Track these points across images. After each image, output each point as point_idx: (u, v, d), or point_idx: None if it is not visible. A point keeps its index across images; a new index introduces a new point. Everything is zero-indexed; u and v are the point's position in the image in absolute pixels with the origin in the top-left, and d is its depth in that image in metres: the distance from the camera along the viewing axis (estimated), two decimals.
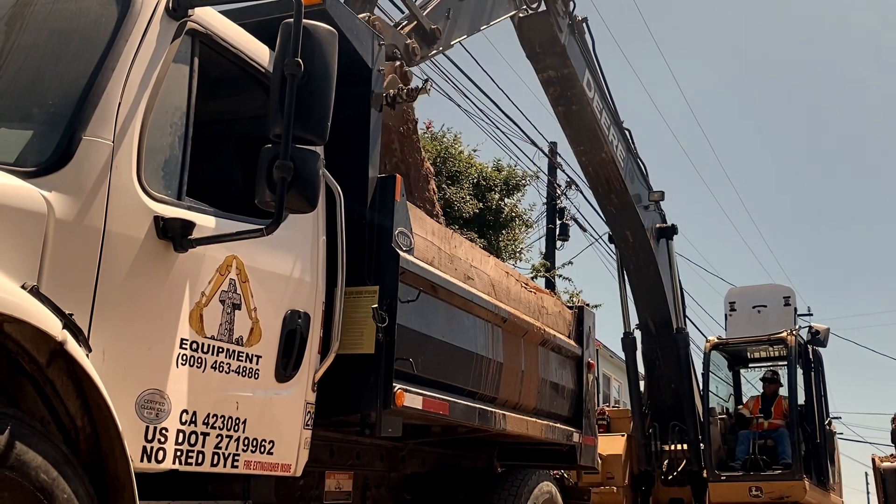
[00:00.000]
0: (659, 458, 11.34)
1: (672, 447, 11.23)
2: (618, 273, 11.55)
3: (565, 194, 16.02)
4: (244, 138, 4.23)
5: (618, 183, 9.78)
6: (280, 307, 3.88)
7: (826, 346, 11.70)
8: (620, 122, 9.84)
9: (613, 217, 10.36)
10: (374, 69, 4.71)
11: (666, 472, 11.37)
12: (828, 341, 11.61)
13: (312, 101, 3.38)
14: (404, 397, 4.44)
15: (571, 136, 9.44)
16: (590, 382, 7.19)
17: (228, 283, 3.58)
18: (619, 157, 9.65)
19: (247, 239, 3.45)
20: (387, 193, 4.60)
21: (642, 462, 11.39)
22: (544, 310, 6.49)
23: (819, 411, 11.49)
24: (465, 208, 10.31)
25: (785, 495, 10.73)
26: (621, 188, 9.83)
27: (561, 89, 8.68)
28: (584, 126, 9.08)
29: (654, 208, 10.96)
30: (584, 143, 9.35)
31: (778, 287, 12.70)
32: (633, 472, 11.48)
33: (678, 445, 11.17)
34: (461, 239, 5.41)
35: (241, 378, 3.62)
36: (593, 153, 9.40)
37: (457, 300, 5.12)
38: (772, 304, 11.94)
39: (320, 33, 3.47)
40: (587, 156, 9.53)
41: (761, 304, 12.16)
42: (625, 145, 9.92)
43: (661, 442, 11.31)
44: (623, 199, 9.98)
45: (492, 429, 5.55)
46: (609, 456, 11.30)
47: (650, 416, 11.49)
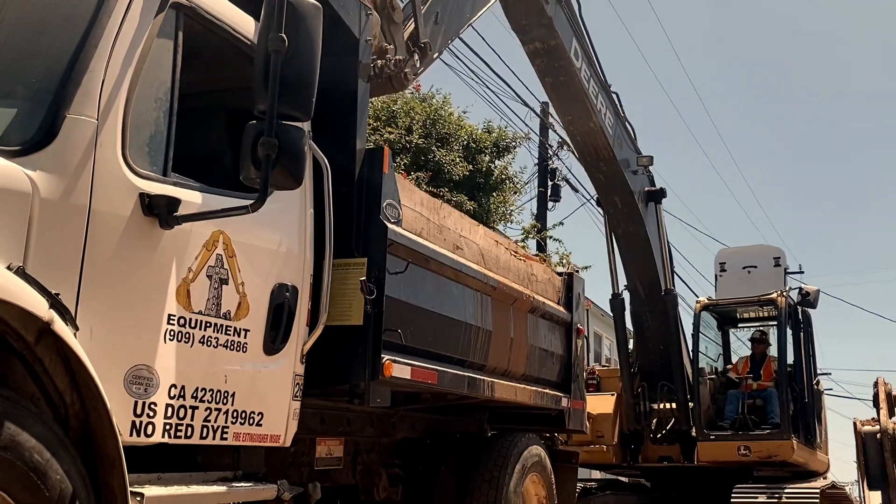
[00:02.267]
0: (648, 417, 11.47)
1: (661, 406, 11.35)
2: (606, 237, 11.58)
3: (557, 155, 16.01)
4: (232, 111, 4.23)
5: (606, 151, 9.75)
6: (268, 281, 3.90)
7: (816, 308, 11.77)
8: (608, 87, 9.77)
9: (602, 184, 10.35)
10: (361, 39, 4.69)
11: (655, 430, 11.50)
12: (818, 302, 11.67)
13: (297, 78, 3.37)
14: (392, 368, 4.48)
15: (559, 107, 9.39)
16: (579, 348, 7.26)
17: (215, 258, 3.60)
18: (608, 125, 9.60)
19: (232, 216, 3.46)
20: (375, 165, 4.61)
21: (631, 421, 11.51)
22: (534, 277, 6.53)
23: (808, 371, 11.61)
24: (455, 171, 10.28)
25: (773, 454, 10.84)
26: (609, 156, 9.81)
27: (548, 60, 8.59)
28: (571, 96, 9.02)
29: (643, 172, 10.95)
30: (571, 113, 9.30)
31: (768, 248, 12.73)
32: (622, 430, 11.61)
33: (667, 405, 11.30)
34: (450, 209, 5.42)
35: (229, 352, 3.65)
36: (581, 123, 9.36)
37: (446, 270, 5.15)
38: (762, 264, 11.97)
39: (305, 7, 3.44)
40: (575, 125, 9.50)
41: (751, 264, 12.18)
42: (613, 111, 9.87)
43: (650, 401, 11.43)
44: (611, 167, 9.96)
45: (480, 396, 5.62)
46: (599, 415, 11.44)
47: (639, 375, 11.60)
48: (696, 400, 11.12)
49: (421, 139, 8.54)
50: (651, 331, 11.41)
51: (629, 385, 11.48)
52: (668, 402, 11.29)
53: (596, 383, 12.53)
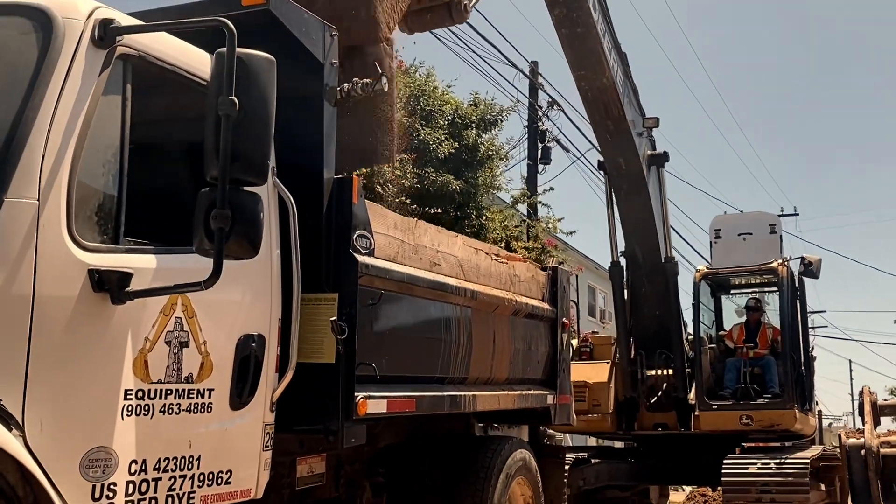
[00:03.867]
0: (644, 384, 11.43)
1: (658, 373, 11.32)
2: (606, 201, 11.43)
3: (547, 115, 15.75)
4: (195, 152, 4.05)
5: (616, 109, 9.51)
6: (232, 334, 3.78)
7: (819, 278, 11.68)
8: (619, 46, 9.53)
9: (608, 144, 10.11)
10: (326, 62, 4.48)
11: (650, 397, 11.49)
12: (820, 272, 11.58)
13: (251, 141, 3.21)
14: (367, 405, 4.39)
15: (573, 60, 9.10)
16: (564, 342, 7.18)
17: (174, 322, 3.47)
18: (619, 83, 9.37)
19: (186, 292, 3.32)
20: (344, 195, 4.45)
21: (627, 389, 11.48)
22: (516, 278, 6.41)
23: (804, 339, 11.59)
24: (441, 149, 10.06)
25: (775, 423, 10.88)
26: (619, 115, 9.57)
27: (567, 10, 8.32)
28: (587, 49, 8.76)
29: (647, 135, 10.74)
30: (585, 67, 9.03)
31: (764, 215, 12.58)
32: (617, 398, 11.60)
33: (664, 371, 11.26)
34: (425, 226, 5.27)
35: (192, 415, 3.55)
36: (594, 78, 9.08)
37: (423, 292, 5.02)
38: (757, 231, 11.84)
39: (257, 63, 3.27)
40: (587, 80, 9.22)
41: (747, 231, 12.05)
42: (623, 70, 9.63)
43: (647, 369, 11.39)
44: (620, 126, 9.72)
45: (462, 411, 5.54)
46: (595, 384, 11.43)
47: (635, 343, 11.53)
48: (697, 369, 11.10)
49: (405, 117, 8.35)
50: (647, 297, 11.32)
51: (626, 352, 11.42)
52: (665, 370, 11.26)
53: (589, 351, 12.50)
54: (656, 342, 11.24)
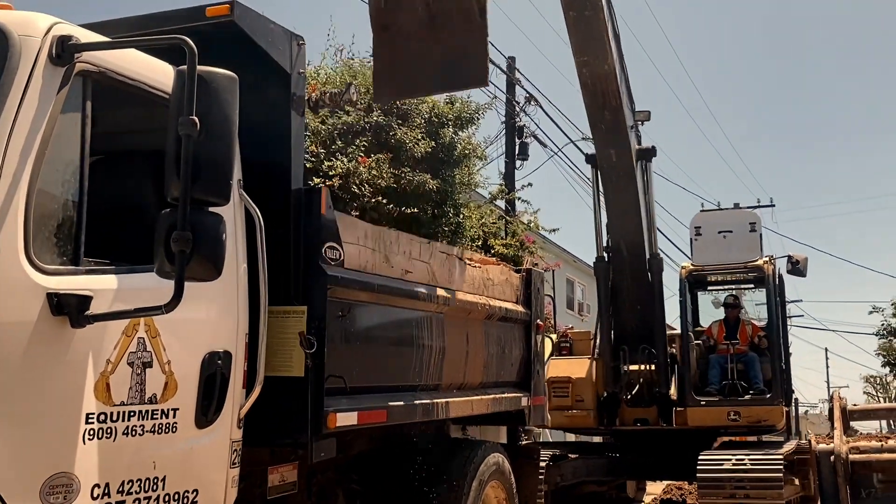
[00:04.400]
0: (625, 379, 11.45)
1: (641, 368, 11.35)
2: (593, 195, 11.43)
3: (524, 111, 15.72)
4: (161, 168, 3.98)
5: (614, 99, 9.44)
6: (197, 353, 3.73)
7: (806, 276, 11.78)
8: (619, 37, 9.48)
9: (602, 134, 10.05)
10: (293, 72, 4.43)
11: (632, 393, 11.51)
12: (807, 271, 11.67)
13: (212, 160, 3.15)
14: (337, 419, 4.37)
15: (577, 45, 9.00)
16: (538, 344, 7.17)
17: (137, 342, 3.42)
18: (619, 72, 9.33)
19: (147, 315, 3.27)
20: (312, 208, 4.41)
21: (609, 384, 11.50)
22: (490, 282, 6.39)
23: (784, 335, 11.67)
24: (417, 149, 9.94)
25: (762, 419, 10.99)
26: (617, 104, 9.50)
27: None
28: (593, 34, 8.66)
29: (636, 129, 10.72)
30: (589, 52, 8.93)
31: (744, 213, 12.63)
32: (598, 393, 11.61)
33: (646, 366, 11.29)
34: (397, 234, 5.24)
35: (157, 436, 3.50)
36: (597, 64, 8.99)
37: (394, 300, 5.00)
38: (737, 229, 11.89)
39: (218, 80, 3.21)
40: (590, 67, 9.13)
41: (727, 229, 12.10)
42: (620, 61, 9.59)
43: (630, 364, 11.41)
44: (616, 117, 9.65)
45: (435, 419, 5.52)
46: (578, 379, 11.45)
47: (617, 338, 11.53)
48: (685, 365, 11.14)
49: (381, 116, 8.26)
50: (630, 292, 11.33)
51: (609, 347, 11.43)
52: (647, 365, 11.28)
53: (569, 346, 12.51)
54: (639, 337, 11.26)
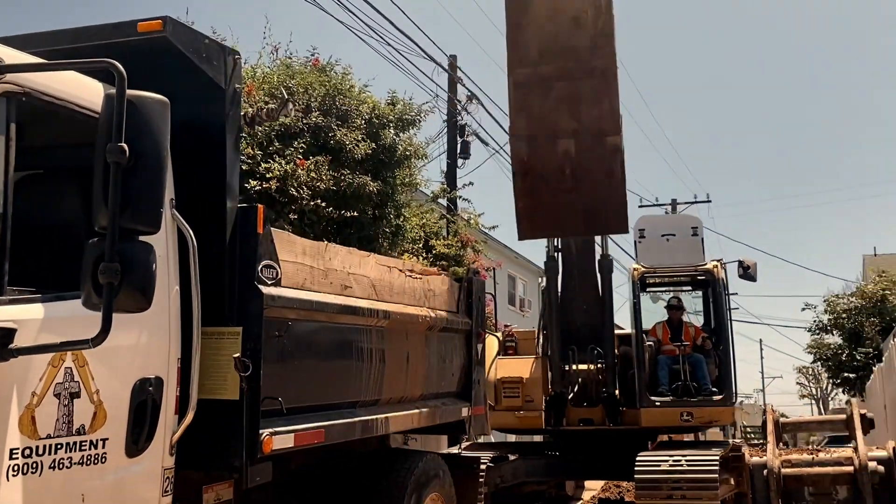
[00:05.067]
0: (574, 379, 11.52)
1: (589, 368, 11.43)
2: None
3: (466, 109, 15.69)
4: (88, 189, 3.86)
5: None
6: (127, 380, 3.63)
7: (756, 281, 12.03)
8: None
9: None
10: (228, 88, 4.32)
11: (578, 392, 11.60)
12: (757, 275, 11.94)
13: (142, 188, 3.06)
14: (273, 442, 4.29)
15: None
16: (479, 353, 7.16)
17: (64, 373, 3.30)
18: None
19: (73, 349, 3.16)
20: (248, 227, 4.31)
21: (556, 384, 11.55)
22: (431, 293, 6.36)
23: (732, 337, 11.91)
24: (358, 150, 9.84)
25: (714, 419, 11.23)
26: None
27: None
28: None
29: None
30: None
31: (687, 217, 12.89)
32: (546, 393, 11.66)
33: (593, 366, 11.39)
34: (336, 249, 5.17)
35: (85, 468, 3.40)
36: None
37: (333, 317, 4.93)
38: (680, 233, 12.07)
39: (149, 106, 3.11)
40: None
41: (670, 232, 12.27)
42: None
43: (579, 363, 11.49)
44: None
45: (375, 435, 5.48)
46: (529, 380, 11.49)
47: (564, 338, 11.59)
48: (639, 367, 11.26)
49: (320, 117, 8.17)
50: (578, 292, 11.44)
51: (559, 348, 11.48)
52: (594, 364, 11.38)
53: (514, 345, 12.55)
54: (587, 337, 11.36)
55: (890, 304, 20.97)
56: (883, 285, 21.57)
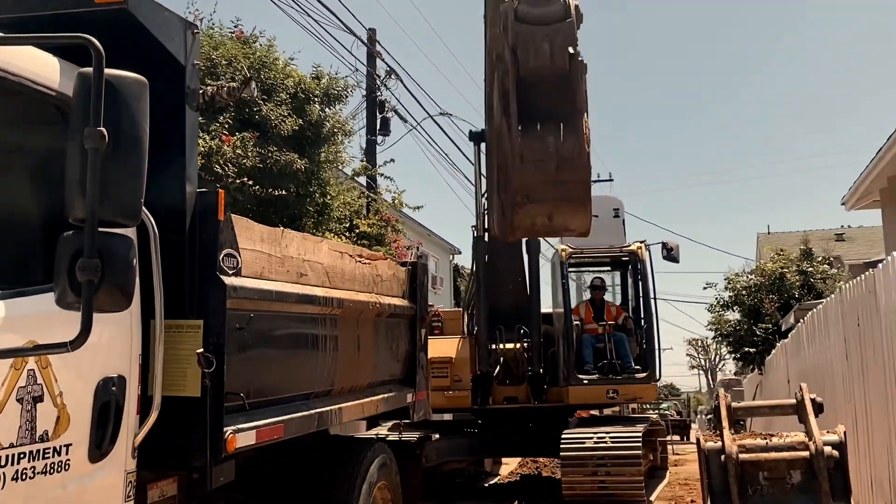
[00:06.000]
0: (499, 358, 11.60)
1: (515, 346, 11.53)
2: (475, 174, 11.49)
3: (385, 85, 15.43)
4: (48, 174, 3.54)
5: None
6: (90, 380, 3.37)
7: (679, 262, 12.29)
8: None
9: None
10: (188, 64, 4.05)
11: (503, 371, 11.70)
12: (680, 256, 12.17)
13: (122, 176, 2.80)
14: (237, 440, 4.08)
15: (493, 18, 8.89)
16: (422, 338, 7.05)
17: (27, 375, 3.03)
18: None
19: (50, 353, 2.90)
20: (208, 213, 4.06)
21: (483, 363, 11.60)
22: (379, 278, 6.20)
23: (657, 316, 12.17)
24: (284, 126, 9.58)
25: (638, 397, 11.63)
26: None
27: None
28: None
29: None
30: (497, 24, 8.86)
31: (609, 199, 13.01)
32: (473, 373, 11.68)
33: (519, 345, 11.49)
34: (291, 235, 4.95)
35: (48, 477, 3.14)
36: None
37: (291, 306, 4.73)
38: (602, 214, 12.15)
39: (128, 86, 2.86)
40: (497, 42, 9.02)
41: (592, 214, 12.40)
42: None
43: (506, 343, 11.57)
44: None
45: (329, 426, 5.31)
46: (457, 359, 11.49)
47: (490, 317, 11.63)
48: (567, 346, 11.38)
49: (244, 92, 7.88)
50: (504, 272, 11.49)
51: (486, 327, 11.51)
52: (519, 343, 11.49)
53: (440, 326, 12.52)
54: (514, 317, 11.43)
55: (788, 281, 21.79)
56: (781, 263, 22.40)
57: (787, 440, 5.15)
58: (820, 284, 21.78)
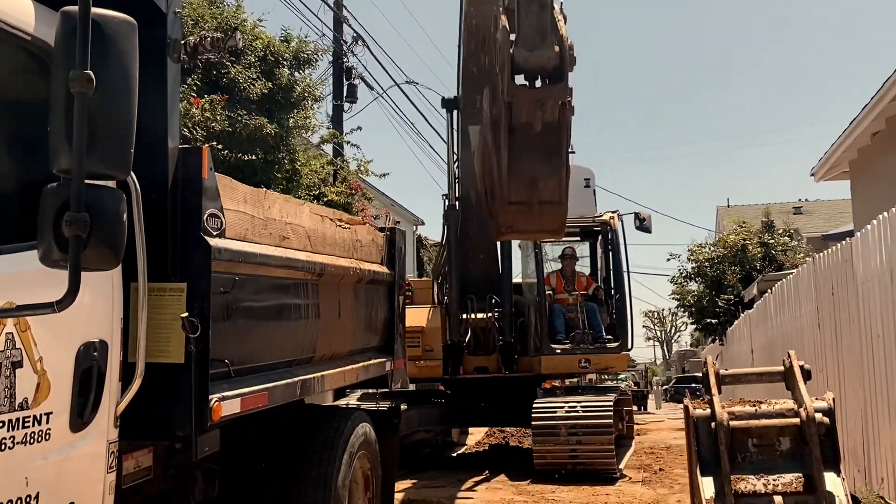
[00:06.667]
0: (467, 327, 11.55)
1: (487, 316, 11.48)
2: (448, 141, 11.34)
3: (352, 51, 15.12)
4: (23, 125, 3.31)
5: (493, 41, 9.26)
6: (71, 344, 3.17)
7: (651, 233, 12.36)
8: None
9: (473, 77, 9.83)
10: (168, 12, 3.82)
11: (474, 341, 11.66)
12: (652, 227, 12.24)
13: (110, 124, 2.60)
14: (222, 408, 3.91)
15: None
16: (400, 305, 6.90)
17: (5, 339, 2.83)
18: None
19: (35, 314, 2.69)
20: (191, 170, 3.86)
21: (455, 332, 11.53)
22: (358, 243, 6.02)
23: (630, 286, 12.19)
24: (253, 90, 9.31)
25: (610, 366, 11.81)
26: None
27: None
28: None
29: None
30: None
31: (580, 169, 12.87)
32: (444, 342, 11.62)
33: (490, 315, 11.43)
34: (274, 196, 4.75)
35: (28, 447, 2.94)
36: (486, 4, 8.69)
37: (275, 271, 4.54)
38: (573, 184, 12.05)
39: (115, 27, 2.65)
40: (477, 6, 8.81)
41: None
42: None
43: (478, 312, 11.52)
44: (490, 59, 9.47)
45: (312, 394, 5.15)
46: (428, 329, 11.41)
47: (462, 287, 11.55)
48: (541, 316, 11.38)
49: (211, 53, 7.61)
50: (475, 240, 11.41)
51: (458, 297, 11.43)
52: (491, 314, 11.44)
53: (410, 295, 12.41)
54: (485, 287, 11.38)
55: (750, 253, 21.99)
56: (743, 236, 22.59)
57: (775, 407, 5.11)
58: (781, 256, 22.02)
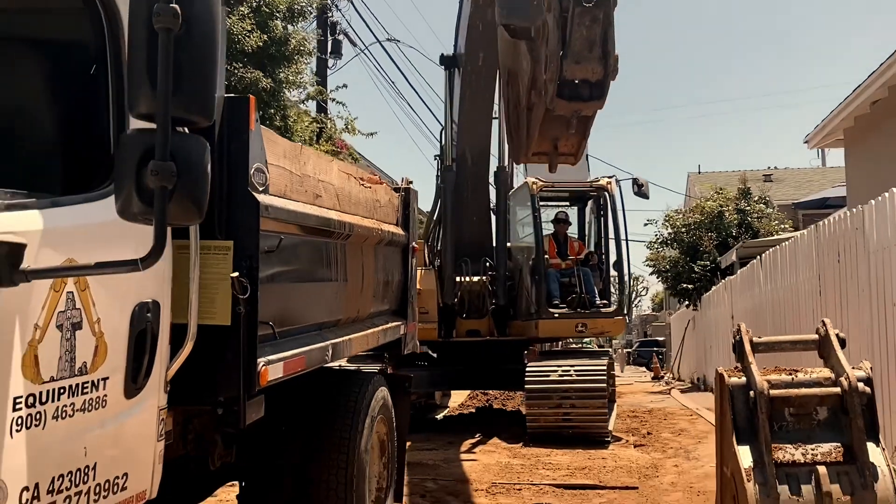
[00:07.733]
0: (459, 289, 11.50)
1: (481, 279, 11.43)
2: (445, 101, 11.17)
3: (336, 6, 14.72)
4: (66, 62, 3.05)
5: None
6: (126, 305, 2.96)
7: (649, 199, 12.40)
8: None
9: (477, 34, 9.60)
10: None
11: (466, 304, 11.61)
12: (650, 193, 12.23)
13: (194, 64, 2.39)
14: (269, 372, 3.72)
15: None
16: (413, 267, 6.73)
17: (66, 298, 2.61)
18: None
19: (119, 271, 2.48)
20: (238, 121, 3.63)
21: (448, 295, 11.46)
22: (377, 203, 5.82)
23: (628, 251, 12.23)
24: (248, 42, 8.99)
25: (606, 330, 11.72)
26: None
27: None
28: None
29: None
30: None
31: None
32: (438, 305, 11.53)
33: (482, 278, 11.38)
34: (308, 152, 4.53)
35: (87, 415, 2.74)
36: None
37: (311, 230, 4.34)
38: None
39: None
40: None
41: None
42: None
43: (472, 275, 11.47)
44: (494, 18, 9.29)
45: (342, 358, 4.98)
46: (423, 291, 11.28)
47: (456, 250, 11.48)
48: (539, 280, 11.31)
49: None
50: (471, 204, 11.32)
51: (452, 260, 11.35)
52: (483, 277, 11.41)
53: None
54: (479, 250, 11.31)
55: (726, 219, 22.06)
56: (720, 202, 22.64)
57: (812, 376, 5.02)
58: (756, 223, 22.11)
